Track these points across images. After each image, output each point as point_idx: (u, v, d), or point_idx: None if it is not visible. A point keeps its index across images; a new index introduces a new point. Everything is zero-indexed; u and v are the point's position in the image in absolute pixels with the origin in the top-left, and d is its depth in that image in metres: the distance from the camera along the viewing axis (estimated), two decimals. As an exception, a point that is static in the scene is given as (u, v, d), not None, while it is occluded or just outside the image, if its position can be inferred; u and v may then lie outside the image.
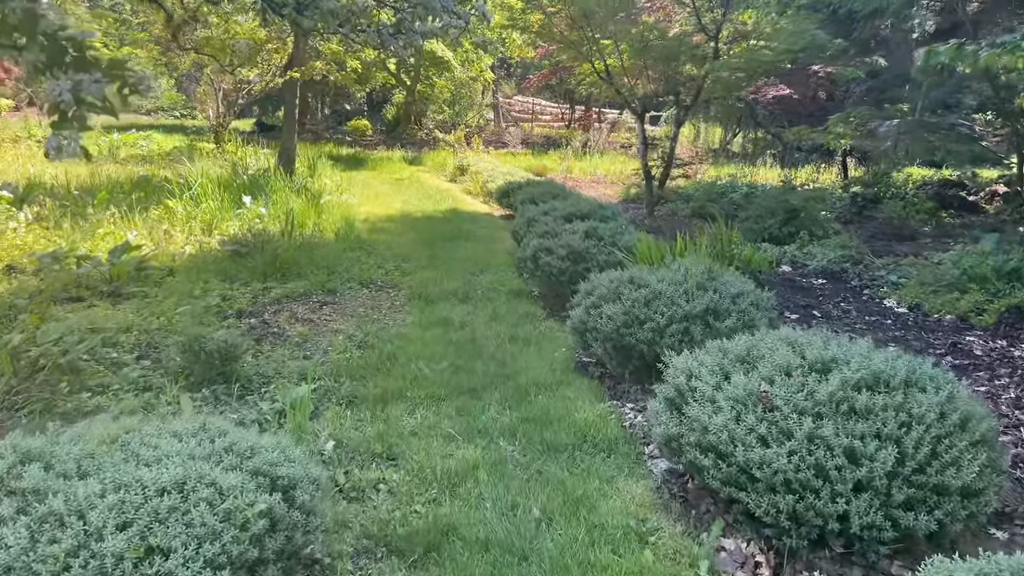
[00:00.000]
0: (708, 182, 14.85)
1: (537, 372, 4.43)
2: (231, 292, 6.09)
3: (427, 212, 10.96)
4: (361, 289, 6.54)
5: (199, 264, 6.80)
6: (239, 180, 9.98)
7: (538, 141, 24.26)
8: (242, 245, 7.15)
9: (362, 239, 8.39)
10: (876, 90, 22.24)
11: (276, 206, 8.58)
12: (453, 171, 15.81)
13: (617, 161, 18.69)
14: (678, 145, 11.21)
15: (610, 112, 28.11)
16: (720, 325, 4.09)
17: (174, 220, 8.13)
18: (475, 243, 8.76)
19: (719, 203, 12.67)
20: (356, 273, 6.91)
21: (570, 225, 6.65)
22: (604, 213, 7.44)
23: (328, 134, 23.29)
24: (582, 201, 7.94)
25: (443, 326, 5.39)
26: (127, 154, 15.43)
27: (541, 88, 27.98)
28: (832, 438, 2.55)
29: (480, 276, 7.12)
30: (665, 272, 4.59)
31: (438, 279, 6.92)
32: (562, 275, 5.91)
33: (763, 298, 4.47)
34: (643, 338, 4.11)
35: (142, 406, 3.64)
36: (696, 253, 5.28)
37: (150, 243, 7.36)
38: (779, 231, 9.31)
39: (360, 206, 11.09)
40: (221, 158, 13.46)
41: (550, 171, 17.29)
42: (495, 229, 9.88)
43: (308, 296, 6.20)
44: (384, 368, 4.40)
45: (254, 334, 5.07)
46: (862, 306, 6.30)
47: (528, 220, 7.73)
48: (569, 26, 10.89)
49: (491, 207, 12.17)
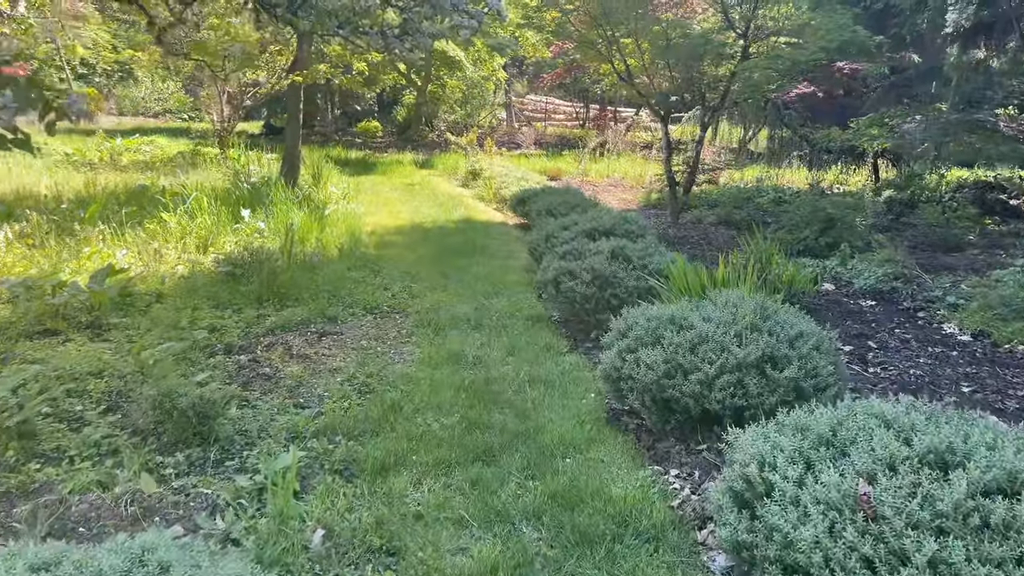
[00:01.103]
0: (733, 186, 14.20)
1: (563, 426, 3.83)
2: (222, 321, 5.53)
3: (438, 222, 10.39)
4: (365, 316, 5.96)
5: (190, 287, 6.25)
6: (239, 191, 9.44)
7: (551, 141, 23.64)
8: (236, 265, 6.60)
9: (368, 256, 7.82)
10: (899, 86, 21.48)
11: (276, 220, 8.02)
12: (465, 175, 15.22)
13: (635, 163, 18.04)
14: (702, 147, 10.56)
15: (626, 111, 27.44)
16: (779, 375, 3.48)
17: (167, 236, 7.59)
18: (489, 258, 8.17)
19: (746, 209, 12.03)
20: (360, 297, 6.33)
21: (594, 244, 6.04)
22: (630, 228, 6.83)
23: (337, 136, 22.77)
24: (604, 214, 7.33)
25: (454, 364, 4.80)
26: (129, 160, 14.97)
27: (555, 87, 27.39)
28: (962, 566, 1.93)
29: (494, 299, 6.53)
30: (710, 309, 3.98)
31: (449, 303, 6.34)
32: (587, 302, 5.31)
33: (826, 339, 3.85)
34: (689, 391, 3.50)
35: (99, 481, 3.07)
36: (742, 282, 4.66)
37: (139, 263, 6.82)
38: (816, 242, 8.67)
39: (368, 216, 10.53)
40: (224, 164, 12.96)
41: (565, 173, 16.68)
42: (510, 241, 9.28)
43: (306, 325, 5.63)
44: (387, 423, 3.82)
45: (242, 376, 4.50)
46: (920, 333, 5.65)
47: (547, 236, 7.14)
48: (587, 24, 10.29)
49: (505, 215, 11.58)
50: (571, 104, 29.51)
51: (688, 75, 10.42)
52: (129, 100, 28.72)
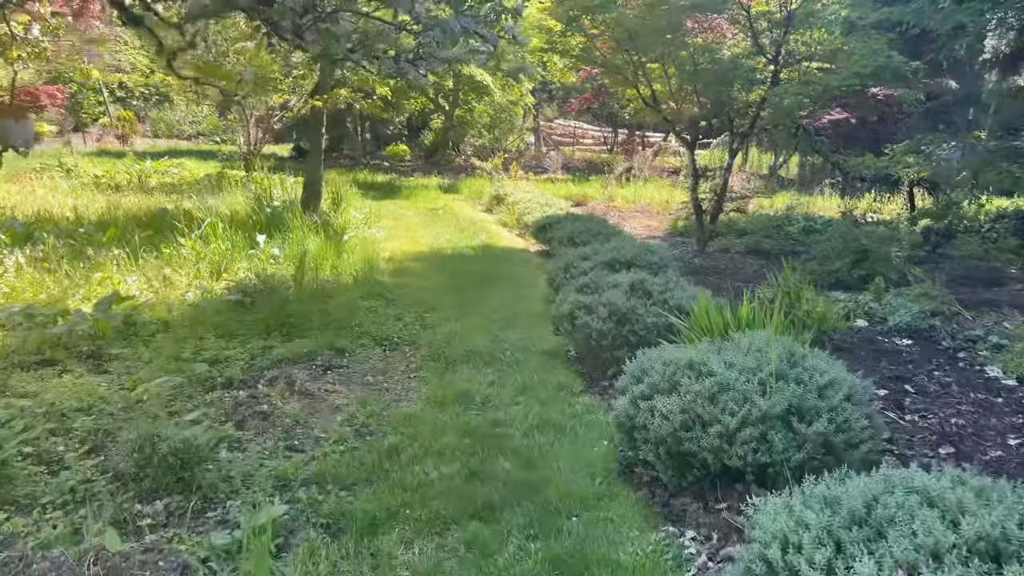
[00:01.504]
0: (762, 214, 13.84)
1: (571, 478, 3.56)
2: (226, 352, 5.35)
3: (458, 248, 10.20)
4: (374, 348, 5.75)
5: (198, 316, 6.10)
6: (258, 215, 9.36)
7: (579, 166, 23.47)
8: (246, 293, 6.45)
9: (383, 284, 7.63)
10: (935, 113, 20.97)
11: (292, 246, 7.89)
12: (489, 200, 15.08)
13: (663, 188, 17.76)
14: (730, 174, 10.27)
15: (654, 136, 27.22)
16: (807, 430, 3.18)
17: (180, 262, 7.49)
18: (507, 288, 7.94)
19: (775, 237, 11.68)
20: (371, 327, 6.13)
21: (613, 276, 5.78)
22: (651, 259, 6.57)
23: (366, 160, 22.84)
24: (626, 244, 7.08)
25: (461, 403, 4.55)
26: (157, 182, 15.07)
27: (583, 111, 27.29)
28: None
29: (510, 331, 6.29)
30: (733, 353, 3.69)
31: (462, 334, 6.10)
32: (603, 338, 5.04)
33: (859, 388, 3.54)
34: (708, 445, 3.22)
35: (67, 534, 2.87)
36: (767, 320, 4.36)
37: (149, 291, 6.71)
38: (848, 275, 8.30)
39: (388, 241, 10.39)
40: (247, 188, 12.95)
41: (591, 199, 16.47)
42: (530, 269, 9.05)
43: (313, 357, 5.43)
44: (382, 471, 3.58)
45: (238, 414, 4.30)
46: (961, 377, 5.28)
47: (566, 265, 6.90)
48: (612, 49, 10.11)
49: (527, 241, 11.36)
50: (599, 129, 29.38)
51: (716, 101, 10.17)
52: (164, 123, 29.19)
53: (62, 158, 15.10)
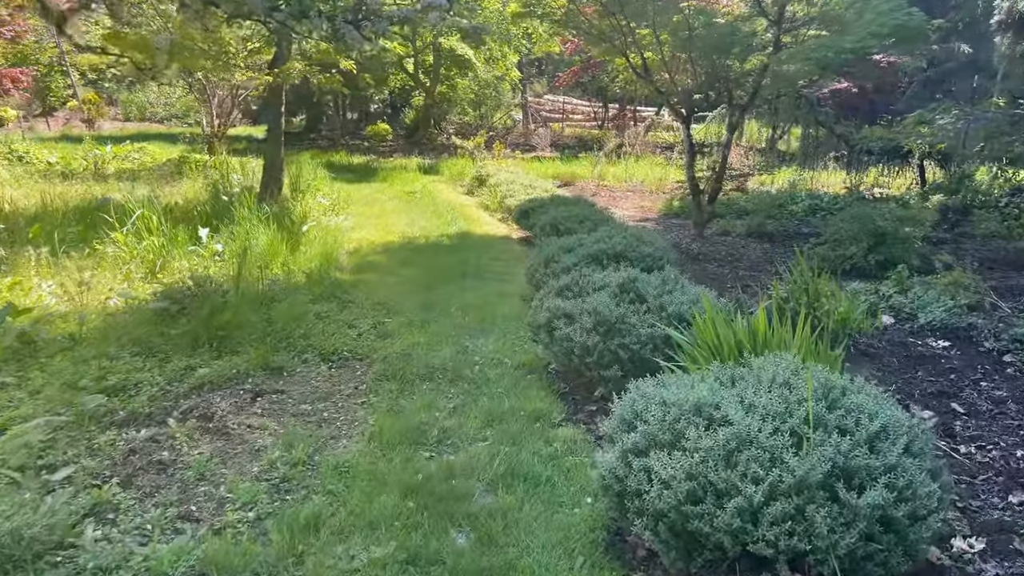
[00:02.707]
0: (763, 191, 12.93)
1: (545, 560, 2.70)
2: (138, 375, 4.47)
3: (432, 237, 9.28)
4: (318, 365, 4.87)
5: (116, 328, 5.20)
6: (202, 205, 8.43)
7: (569, 142, 22.48)
8: (174, 300, 5.55)
9: (341, 283, 6.72)
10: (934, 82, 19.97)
11: (238, 241, 6.97)
12: (471, 182, 14.12)
13: (656, 166, 16.82)
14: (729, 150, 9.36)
15: (647, 110, 26.21)
16: (859, 502, 2.33)
17: (110, 262, 6.58)
18: (483, 283, 7.05)
19: (779, 218, 10.81)
20: (318, 338, 5.25)
21: (600, 275, 4.90)
22: (645, 252, 5.68)
23: (344, 140, 21.77)
24: (616, 232, 6.18)
25: (412, 443, 3.68)
26: (116, 168, 14.07)
27: (572, 86, 26.26)
28: None
29: (481, 338, 5.42)
30: (752, 388, 2.82)
31: (425, 344, 5.23)
32: (587, 354, 4.16)
33: (919, 435, 2.69)
34: (724, 524, 2.36)
35: None
36: (788, 337, 3.50)
37: (65, 298, 5.80)
38: (864, 260, 7.45)
39: (355, 231, 9.47)
40: (206, 174, 11.99)
41: (580, 178, 15.54)
42: (510, 261, 8.15)
43: (242, 380, 4.55)
44: (292, 555, 2.71)
45: (130, 465, 3.42)
46: (1016, 390, 4.42)
47: (546, 259, 6.01)
48: (599, 13, 9.14)
49: (509, 227, 10.45)
50: (590, 104, 28.29)
51: (713, 70, 9.22)
52: (136, 105, 28.02)
53: (12, 144, 14.04)
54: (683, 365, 3.70)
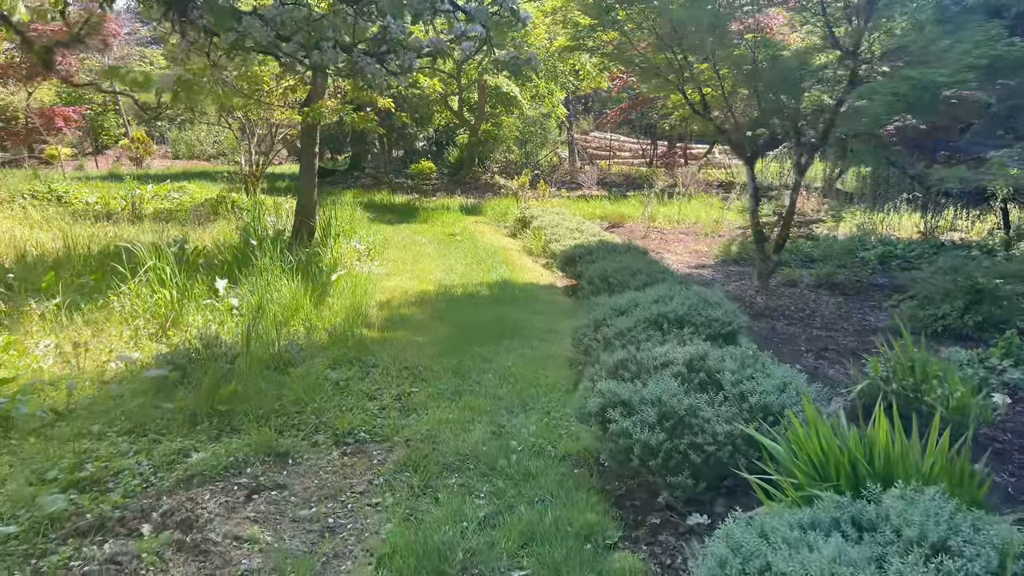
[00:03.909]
0: (827, 236, 11.97)
1: None
2: (121, 461, 3.84)
3: (471, 286, 8.60)
4: (330, 449, 4.18)
5: (108, 399, 4.62)
6: (230, 251, 7.91)
7: (616, 181, 21.81)
8: (176, 365, 4.95)
9: (366, 342, 6.06)
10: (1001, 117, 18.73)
11: (256, 294, 6.38)
12: (514, 223, 13.50)
13: (709, 206, 15.99)
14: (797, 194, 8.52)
15: (697, 147, 25.42)
16: None
17: (117, 318, 6.05)
18: (524, 343, 6.32)
19: (849, 267, 9.87)
20: (333, 414, 4.57)
21: (661, 348, 4.12)
22: (712, 316, 4.89)
23: (388, 179, 21.45)
24: (676, 292, 5.41)
25: (430, 573, 2.94)
26: (154, 208, 13.83)
27: (620, 123, 25.68)
28: None
29: (522, 416, 4.67)
30: (898, 557, 2.02)
31: (455, 423, 4.50)
32: (650, 455, 3.37)
33: None
34: None
35: None
36: (924, 458, 2.67)
37: (61, 360, 5.25)
38: (960, 321, 6.53)
39: (389, 278, 8.86)
40: (237, 215, 11.61)
41: (629, 219, 14.78)
42: (555, 315, 7.41)
43: (239, 469, 3.88)
44: None
45: (78, 598, 2.75)
46: None
47: (596, 322, 5.26)
48: (654, 47, 8.47)
49: (554, 273, 9.74)
50: (637, 141, 27.64)
51: (778, 106, 8.44)
52: (185, 143, 28.32)
53: (52, 183, 13.92)
54: (775, 479, 2.89)
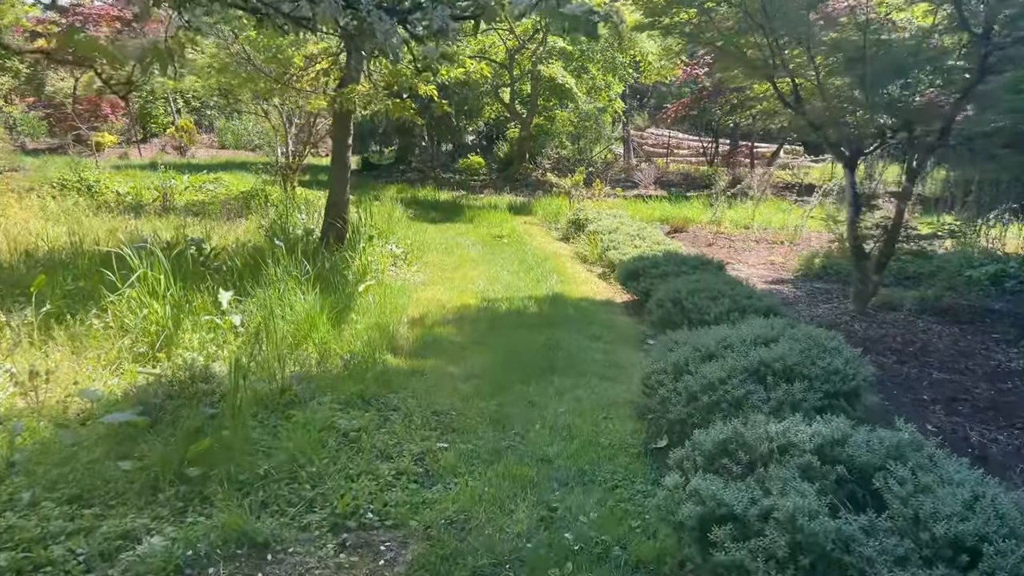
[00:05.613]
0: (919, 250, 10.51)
1: None
2: (43, 553, 2.87)
3: (517, 300, 7.50)
4: (324, 540, 3.13)
5: (57, 450, 3.66)
6: (249, 254, 6.98)
7: (675, 180, 20.47)
8: (146, 407, 3.97)
9: (389, 372, 5.03)
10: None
11: (262, 311, 5.39)
12: (566, 226, 12.36)
13: (780, 211, 14.61)
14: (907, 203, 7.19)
15: (762, 146, 23.85)
16: None
17: (94, 336, 5.13)
18: (581, 383, 5.18)
19: (957, 288, 8.48)
20: (334, 481, 3.53)
21: (778, 426, 2.96)
22: (831, 368, 3.72)
23: (435, 173, 20.47)
24: (780, 330, 4.23)
25: None
26: (186, 200, 13.10)
27: (679, 119, 24.24)
28: None
29: (579, 493, 3.56)
30: None
31: (492, 503, 3.42)
32: (777, 604, 2.24)
33: None
34: None
35: None
36: None
37: (19, 391, 4.34)
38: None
39: (426, 287, 7.84)
40: (267, 211, 10.73)
41: (692, 223, 13.50)
42: (615, 341, 6.27)
43: (201, 568, 2.87)
44: None
45: None
46: None
47: (676, 366, 4.12)
48: (736, 29, 7.25)
49: (611, 285, 8.60)
50: (697, 139, 26.13)
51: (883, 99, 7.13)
52: (231, 132, 27.88)
53: (83, 172, 13.29)
54: None
